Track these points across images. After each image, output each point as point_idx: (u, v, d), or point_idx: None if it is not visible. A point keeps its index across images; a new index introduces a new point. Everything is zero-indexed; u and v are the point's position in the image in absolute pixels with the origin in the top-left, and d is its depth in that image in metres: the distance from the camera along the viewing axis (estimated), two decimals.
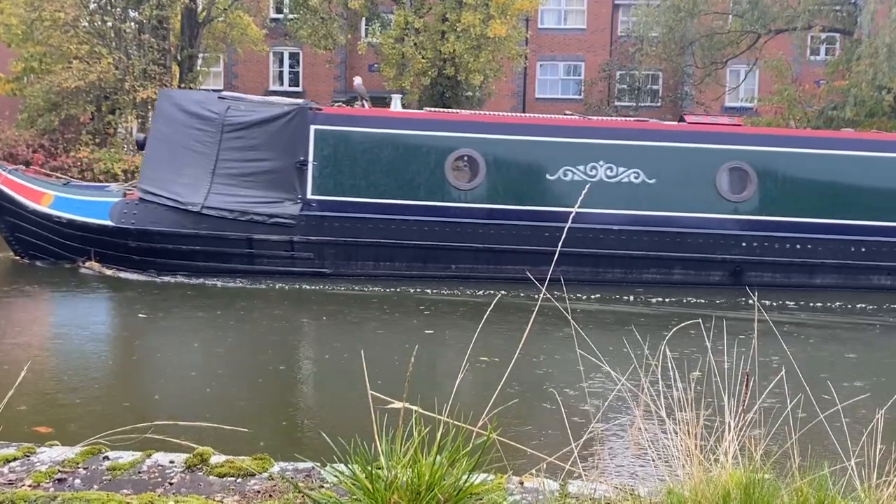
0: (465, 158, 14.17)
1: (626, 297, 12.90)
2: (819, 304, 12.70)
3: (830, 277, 14.03)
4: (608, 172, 13.98)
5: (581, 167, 13.96)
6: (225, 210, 13.53)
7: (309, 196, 13.79)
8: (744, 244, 13.97)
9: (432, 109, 16.31)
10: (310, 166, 13.80)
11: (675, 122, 16.36)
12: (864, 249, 13.96)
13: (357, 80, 17.16)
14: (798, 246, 13.96)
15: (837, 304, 12.79)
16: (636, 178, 13.99)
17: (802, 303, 12.68)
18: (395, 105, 15.80)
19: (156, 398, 7.28)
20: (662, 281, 13.93)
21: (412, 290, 12.84)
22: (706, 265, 13.96)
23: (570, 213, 3.91)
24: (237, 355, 9.10)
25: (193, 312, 11.46)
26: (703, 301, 12.56)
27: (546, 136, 14.27)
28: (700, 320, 3.74)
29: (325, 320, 11.19)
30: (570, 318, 3.06)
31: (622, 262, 13.97)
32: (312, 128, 13.91)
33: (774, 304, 12.36)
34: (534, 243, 13.45)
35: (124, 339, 10.34)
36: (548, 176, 13.99)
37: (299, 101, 15.75)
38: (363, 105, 16.28)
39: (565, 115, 16.36)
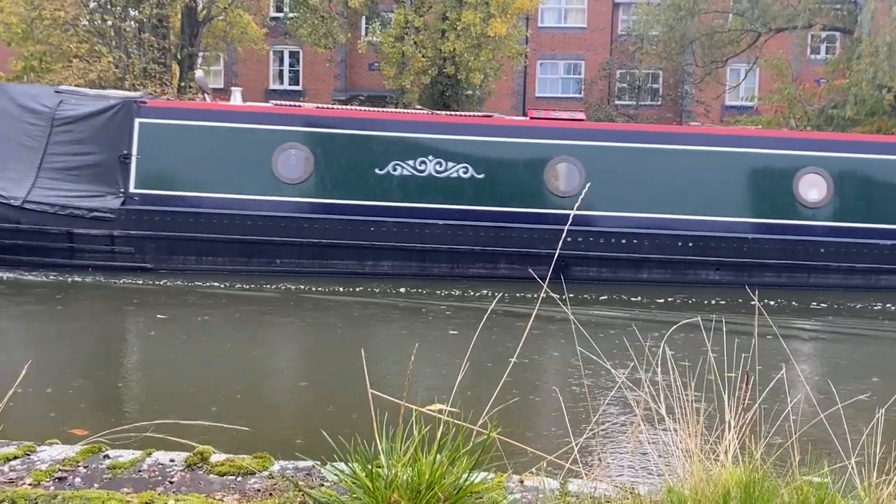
0: (294, 152, 14.06)
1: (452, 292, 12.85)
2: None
3: (657, 272, 14.02)
4: (437, 168, 13.96)
5: (410, 162, 13.95)
6: (46, 204, 13.46)
7: (131, 190, 13.72)
8: (569, 239, 13.80)
9: (279, 103, 15.94)
10: (133, 160, 13.75)
11: (520, 118, 16.20)
12: (690, 244, 13.95)
13: (198, 74, 17.19)
14: (624, 241, 13.94)
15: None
16: (465, 173, 13.97)
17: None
18: (235, 98, 15.63)
19: None
20: (489, 275, 13.92)
21: (239, 286, 12.72)
22: (531, 260, 13.85)
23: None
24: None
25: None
26: (531, 295, 12.49)
27: (375, 130, 14.27)
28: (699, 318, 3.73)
29: (142, 315, 11.05)
30: (570, 315, 3.06)
31: (449, 256, 13.94)
32: (137, 121, 13.87)
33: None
34: (361, 238, 13.53)
35: None
36: (377, 171, 13.94)
37: (134, 94, 15.69)
38: (204, 98, 16.26)
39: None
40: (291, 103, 16.38)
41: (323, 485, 2.81)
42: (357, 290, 12.64)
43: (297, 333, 10.52)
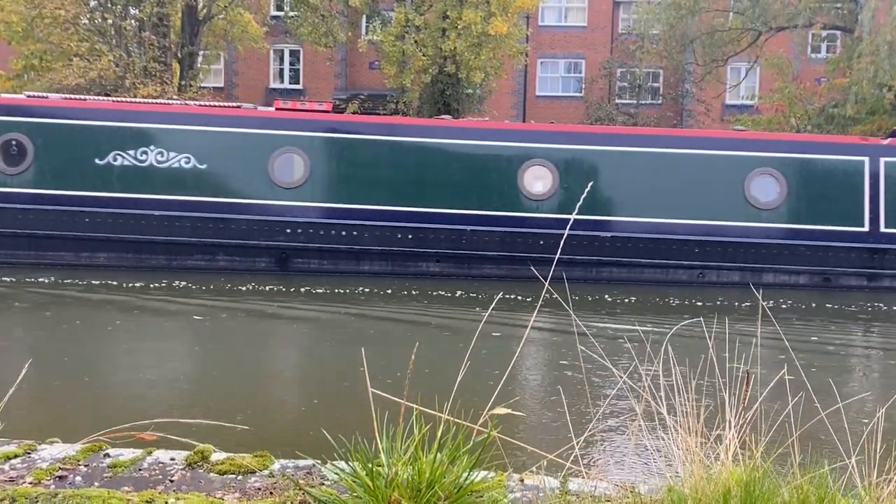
0: (14, 143, 13.92)
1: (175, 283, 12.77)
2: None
3: (378, 264, 14.00)
4: (159, 157, 13.86)
5: (132, 152, 13.84)
6: None
7: None
8: (288, 230, 13.86)
9: (32, 95, 15.66)
10: None
11: (266, 109, 15.95)
12: (410, 236, 13.93)
13: None
14: (344, 233, 13.91)
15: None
16: (187, 163, 13.88)
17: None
18: None
19: None
20: (207, 268, 13.83)
21: None
22: (251, 252, 13.88)
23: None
24: None
25: None
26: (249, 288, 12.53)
27: (96, 119, 14.10)
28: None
29: None
30: (571, 313, 3.06)
31: (166, 248, 13.83)
32: None
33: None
34: (80, 230, 13.45)
35: None
36: (97, 161, 13.83)
37: None
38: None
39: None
40: (36, 94, 16.10)
41: (323, 483, 2.81)
42: (72, 282, 12.45)
43: None
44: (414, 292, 12.61)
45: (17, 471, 2.97)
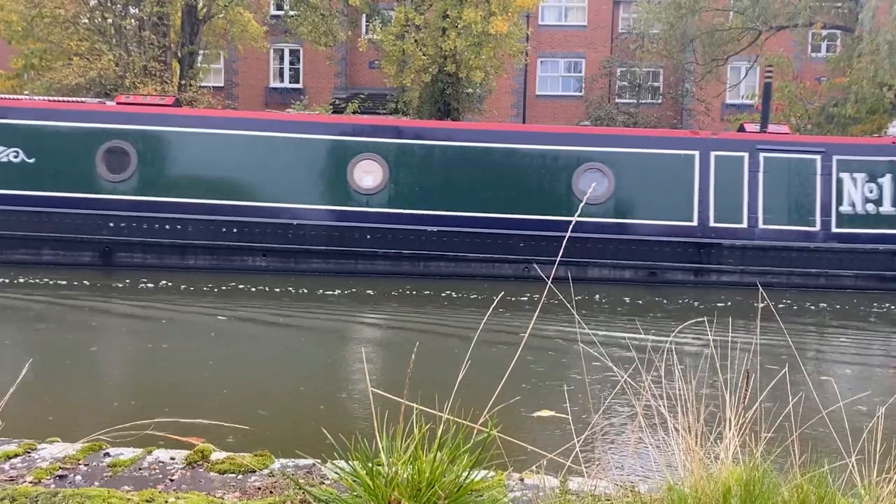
0: None
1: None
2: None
3: (203, 259, 13.87)
4: None
5: None
6: None
7: None
8: (111, 224, 13.73)
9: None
10: None
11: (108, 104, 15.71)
12: (235, 230, 13.80)
13: None
14: (168, 227, 13.77)
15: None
16: (15, 157, 13.79)
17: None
18: None
19: None
20: (33, 262, 13.71)
21: None
22: (76, 246, 13.73)
23: None
24: None
25: None
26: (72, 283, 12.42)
27: None
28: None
29: None
30: (573, 311, 3.06)
31: None
32: None
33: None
34: None
35: None
36: None
37: None
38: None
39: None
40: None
41: (323, 483, 2.81)
42: None
43: None
44: (241, 287, 12.46)
45: (17, 470, 2.98)
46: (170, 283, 12.60)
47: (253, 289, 12.36)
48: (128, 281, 12.67)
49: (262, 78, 32.04)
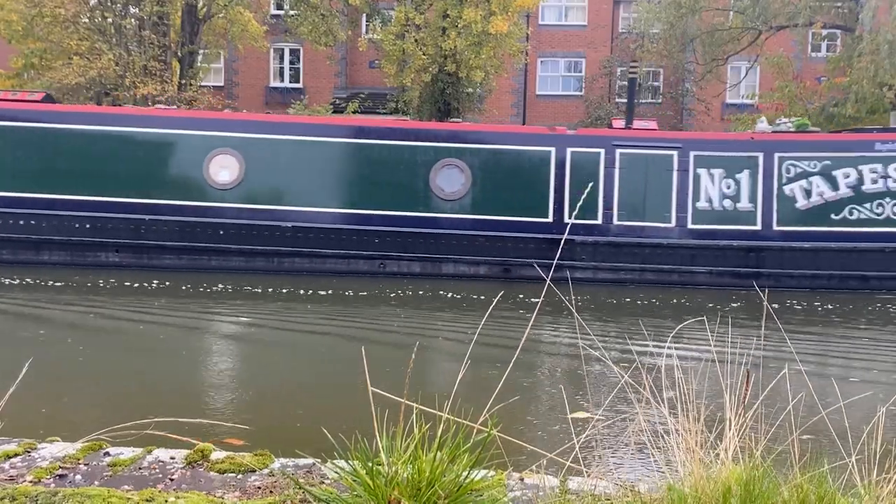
0: None
1: None
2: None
3: (58, 254, 13.76)
4: None
5: None
6: None
7: None
8: None
9: None
10: None
11: None
12: (88, 225, 13.67)
13: None
14: (22, 222, 13.68)
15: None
16: None
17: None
18: None
19: None
20: None
21: None
22: None
23: None
24: None
25: None
26: None
27: None
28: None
29: None
30: (573, 311, 3.06)
31: None
32: None
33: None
34: None
35: None
36: None
37: None
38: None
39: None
40: None
41: (323, 482, 2.81)
42: None
43: None
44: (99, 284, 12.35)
45: (17, 469, 2.98)
46: (28, 280, 12.40)
47: (106, 284, 12.21)
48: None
49: (263, 77, 32.04)
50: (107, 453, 3.15)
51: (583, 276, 13.59)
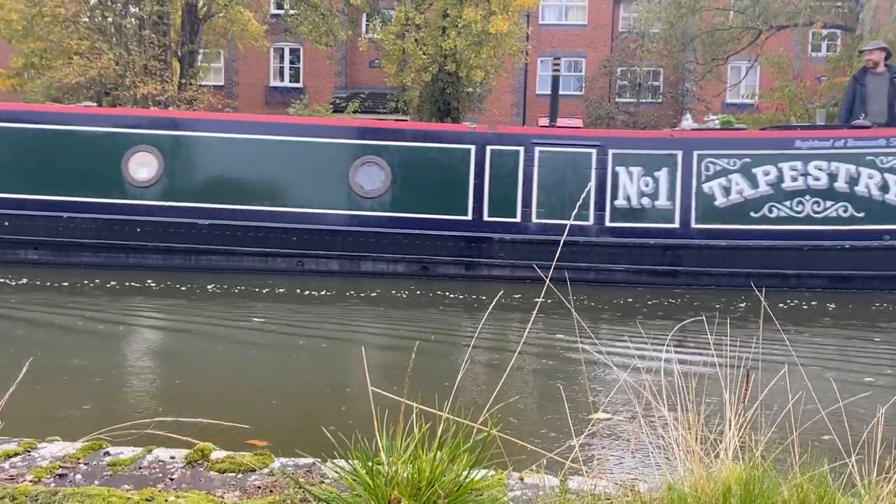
0: None
1: None
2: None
3: None
4: None
5: None
6: None
7: None
8: None
9: None
10: None
11: None
12: (7, 223, 13.53)
13: None
14: None
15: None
16: None
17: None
18: None
19: None
20: None
21: None
22: None
23: None
24: None
25: None
26: None
27: None
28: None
29: None
30: (573, 311, 3.06)
31: None
32: None
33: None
34: None
35: None
36: None
37: None
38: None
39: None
40: None
41: (323, 482, 2.81)
42: None
43: None
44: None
45: (17, 469, 2.98)
46: None
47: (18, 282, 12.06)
48: None
49: (263, 77, 32.06)
50: (107, 453, 3.15)
51: (500, 274, 13.57)
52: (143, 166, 13.74)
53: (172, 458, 3.12)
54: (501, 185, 13.71)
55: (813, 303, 12.10)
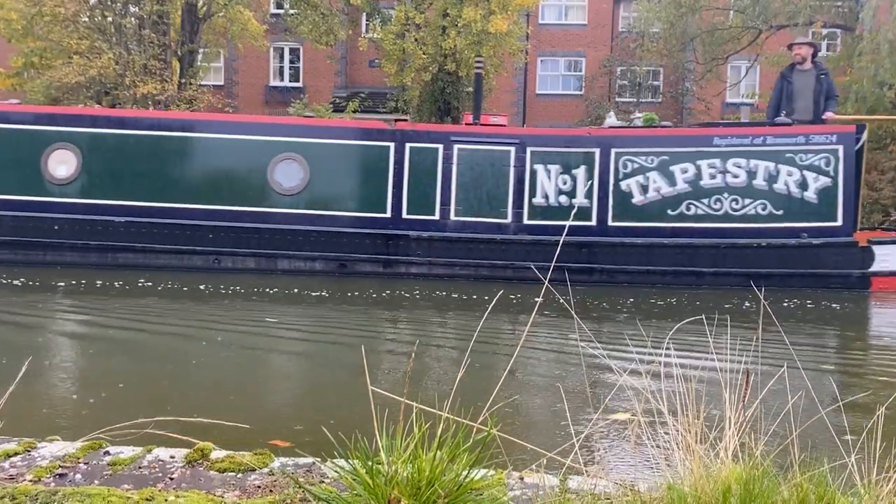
0: None
1: None
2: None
3: None
4: None
5: None
6: None
7: None
8: None
9: None
10: None
11: None
12: None
13: None
14: None
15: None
16: None
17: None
18: None
19: None
20: None
21: None
22: None
23: None
24: None
25: None
26: None
27: None
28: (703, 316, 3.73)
29: None
30: (573, 311, 3.06)
31: None
32: None
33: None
34: None
35: None
36: None
37: None
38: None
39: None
40: None
41: (323, 481, 2.81)
42: None
43: None
44: None
45: (17, 468, 2.98)
46: None
47: None
48: None
49: (262, 76, 32.05)
50: (107, 452, 3.15)
51: (418, 272, 13.58)
52: (62, 164, 13.78)
53: (172, 457, 3.12)
54: (420, 183, 13.69)
55: (734, 300, 11.92)
